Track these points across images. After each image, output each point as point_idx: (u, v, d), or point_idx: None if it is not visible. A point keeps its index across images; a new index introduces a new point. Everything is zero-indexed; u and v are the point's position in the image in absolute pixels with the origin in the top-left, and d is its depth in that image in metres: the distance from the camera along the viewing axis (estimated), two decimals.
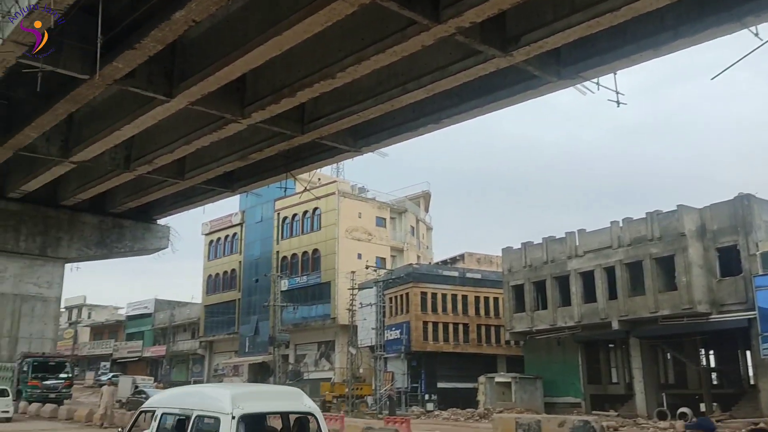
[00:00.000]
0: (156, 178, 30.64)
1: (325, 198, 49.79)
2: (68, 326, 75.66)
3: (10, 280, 32.68)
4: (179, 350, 62.70)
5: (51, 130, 25.51)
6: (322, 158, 29.07)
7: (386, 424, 17.81)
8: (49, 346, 33.70)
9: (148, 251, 38.71)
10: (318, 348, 50.50)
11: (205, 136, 24.30)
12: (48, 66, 18.96)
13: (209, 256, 61.47)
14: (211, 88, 20.06)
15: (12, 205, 32.93)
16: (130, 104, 22.80)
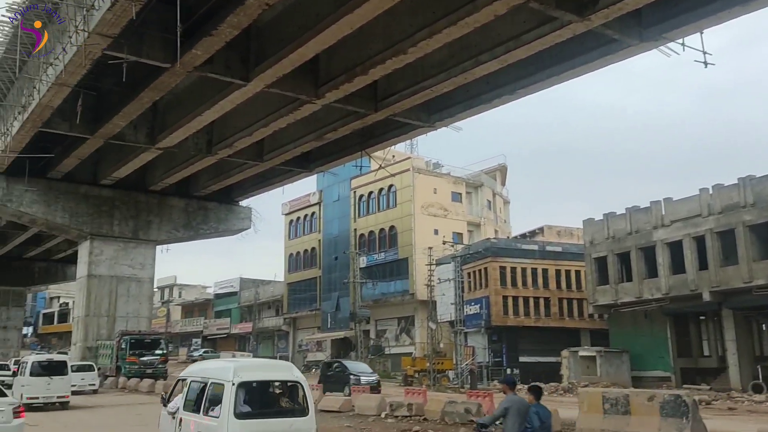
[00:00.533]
0: (236, 161, 31.58)
1: (400, 175, 49.86)
2: (161, 305, 79.56)
3: (107, 263, 34.63)
4: (265, 327, 64.82)
5: (137, 119, 26.69)
6: (396, 135, 29.09)
7: (469, 397, 17.86)
8: (144, 324, 35.57)
9: (231, 232, 40.06)
10: (398, 323, 51.02)
11: (281, 117, 24.78)
12: (132, 56, 19.78)
13: (290, 236, 62.93)
14: (286, 71, 20.38)
15: (105, 191, 34.78)
16: (210, 90, 23.51)
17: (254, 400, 8.33)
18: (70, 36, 19.54)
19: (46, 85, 22.75)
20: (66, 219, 33.63)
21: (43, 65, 22.73)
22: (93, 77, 23.80)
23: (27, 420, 11.78)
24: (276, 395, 8.93)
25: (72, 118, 26.29)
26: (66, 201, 33.68)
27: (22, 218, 34.71)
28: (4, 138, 28.86)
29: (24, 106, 25.66)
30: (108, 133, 27.05)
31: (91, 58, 20.08)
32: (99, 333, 34.17)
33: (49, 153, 30.52)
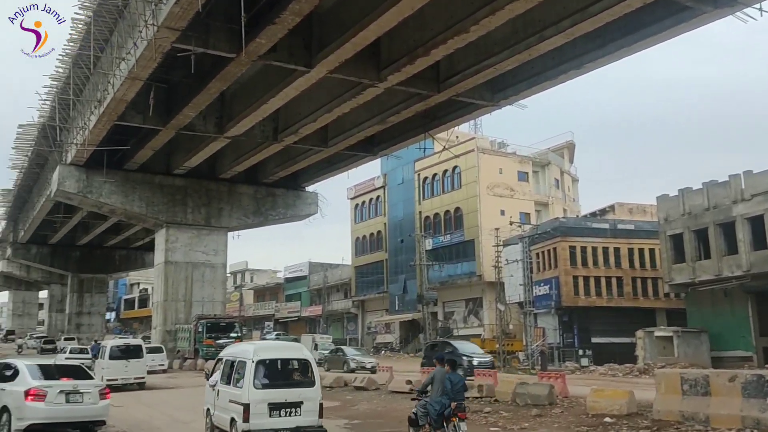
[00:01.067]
0: (302, 147, 32.05)
1: (464, 155, 49.41)
2: (234, 290, 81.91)
3: (182, 250, 35.91)
4: (334, 309, 65.90)
5: (206, 109, 27.41)
6: (460, 115, 28.82)
7: (540, 379, 17.66)
8: (219, 309, 36.77)
9: (299, 217, 40.76)
10: (466, 305, 50.86)
11: (344, 102, 24.94)
12: (199, 48, 20.30)
13: (355, 220, 63.52)
14: (348, 55, 20.47)
15: (178, 180, 35.99)
16: (274, 78, 23.89)
17: (271, 374, 10.38)
18: (140, 31, 20.23)
19: (120, 80, 23.62)
20: (143, 208, 35.02)
21: (116, 60, 23.63)
22: (163, 70, 24.57)
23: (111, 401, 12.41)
24: (290, 370, 10.88)
25: (145, 110, 27.28)
26: (142, 191, 35.06)
27: (102, 208, 36.37)
28: (82, 132, 30.21)
29: (99, 100, 26.77)
30: (179, 124, 27.91)
31: (160, 51, 20.71)
32: (177, 317, 35.53)
33: (124, 145, 31.80)
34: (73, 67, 26.59)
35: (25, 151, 38.65)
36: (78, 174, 33.36)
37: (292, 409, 10.08)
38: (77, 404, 11.41)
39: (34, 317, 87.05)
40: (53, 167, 35.64)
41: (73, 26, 24.24)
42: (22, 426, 10.94)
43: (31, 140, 36.17)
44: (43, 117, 32.40)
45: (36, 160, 39.55)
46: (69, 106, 29.61)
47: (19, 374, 11.65)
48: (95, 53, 24.32)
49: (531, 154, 54.26)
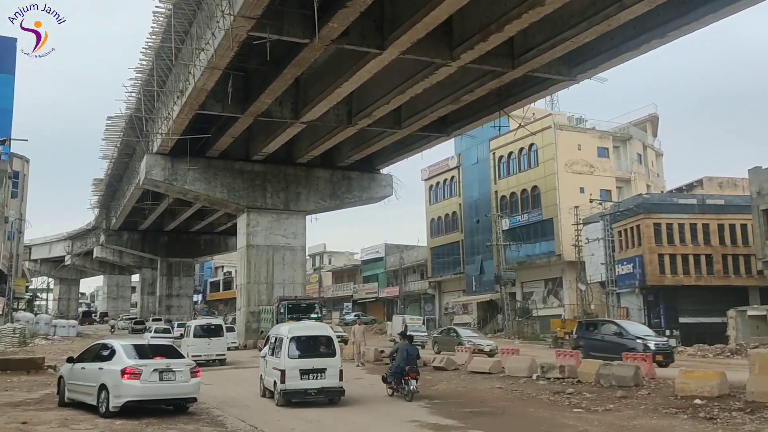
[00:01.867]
0: (376, 129, 32.17)
1: (541, 133, 48.27)
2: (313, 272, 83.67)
3: (263, 233, 36.92)
4: (411, 290, 66.25)
5: (282, 95, 27.93)
6: (535, 92, 28.14)
7: (625, 360, 17.18)
8: (299, 290, 37.66)
9: (374, 199, 41.06)
10: (545, 285, 50.00)
11: (417, 83, 24.82)
12: (274, 35, 20.65)
13: (430, 201, 63.37)
14: (420, 35, 20.32)
15: (257, 166, 36.93)
16: (347, 61, 24.03)
17: (302, 347, 13.54)
18: (218, 21, 20.78)
19: (200, 70, 24.37)
20: (224, 194, 36.17)
21: (195, 51, 24.37)
22: (240, 59, 25.16)
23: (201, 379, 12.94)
24: (317, 344, 13.86)
25: (224, 99, 28.06)
26: (223, 177, 36.20)
27: (187, 195, 37.81)
28: (166, 122, 31.44)
29: (181, 90, 27.73)
30: (256, 111, 28.57)
31: (237, 40, 21.20)
32: (259, 299, 36.66)
33: (205, 134, 32.87)
34: (155, 59, 27.59)
35: (114, 142, 40.59)
36: (164, 162, 34.78)
37: (318, 374, 13.25)
38: (170, 382, 11.98)
39: (127, 300, 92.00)
40: (140, 157, 37.30)
41: (155, 19, 25.11)
42: (120, 403, 11.57)
43: (119, 131, 37.91)
44: (130, 108, 33.88)
45: (124, 150, 41.48)
46: (153, 97, 30.84)
47: (115, 354, 12.32)
48: (176, 45, 25.15)
49: (611, 129, 52.40)
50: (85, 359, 13.13)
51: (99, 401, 11.92)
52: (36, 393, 15.21)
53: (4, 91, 35.90)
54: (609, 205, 43.63)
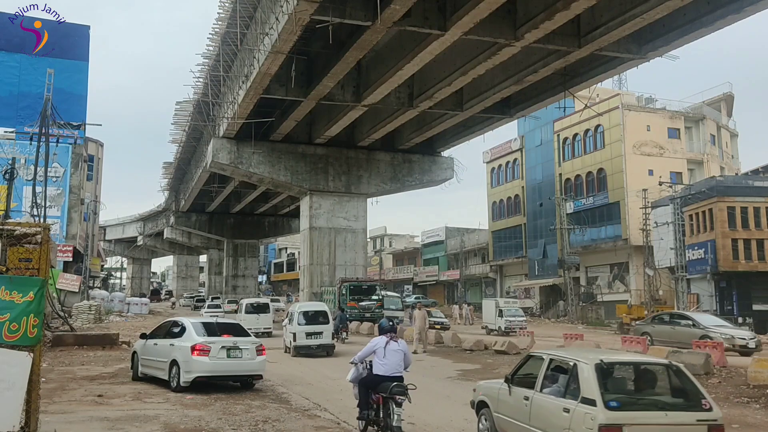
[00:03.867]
0: (437, 112, 31.97)
1: (608, 113, 46.88)
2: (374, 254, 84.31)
3: (325, 216, 37.39)
4: (471, 274, 65.95)
5: (344, 79, 28.05)
6: (602, 71, 27.31)
7: (695, 348, 16.65)
8: (360, 272, 38.02)
9: (435, 182, 40.92)
10: (610, 270, 48.84)
11: (479, 64, 24.48)
12: (336, 18, 20.73)
13: (492, 184, 62.70)
14: (483, 15, 20.00)
15: (319, 149, 37.34)
16: (409, 43, 23.91)
17: (307, 318, 20.70)
18: (281, 5, 21.02)
19: (264, 54, 24.74)
20: (288, 177, 36.76)
21: (260, 36, 24.74)
22: (302, 42, 25.41)
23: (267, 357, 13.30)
24: (317, 316, 20.92)
25: (287, 83, 28.42)
26: (287, 160, 36.76)
27: (252, 178, 38.61)
28: (232, 106, 32.12)
29: (246, 75, 28.25)
30: (319, 94, 28.81)
31: (300, 24, 21.39)
32: (322, 280, 37.22)
33: (269, 117, 33.42)
34: (221, 44, 28.18)
35: (182, 126, 41.76)
36: (229, 146, 35.60)
37: (318, 335, 20.44)
38: (237, 359, 12.38)
39: (195, 279, 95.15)
40: (207, 141, 38.28)
41: (221, 5, 25.65)
42: (190, 378, 12.05)
43: (188, 116, 38.97)
44: (197, 93, 34.75)
45: (192, 134, 42.64)
46: (219, 82, 31.54)
47: (186, 331, 12.80)
48: (241, 30, 25.61)
49: (683, 108, 50.38)
50: (157, 336, 13.70)
51: (170, 376, 12.44)
52: (111, 367, 15.98)
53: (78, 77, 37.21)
54: (680, 188, 42.08)
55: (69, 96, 34.55)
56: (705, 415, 6.25)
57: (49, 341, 19.18)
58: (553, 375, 7.05)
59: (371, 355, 8.53)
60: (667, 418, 6.17)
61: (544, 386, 6.99)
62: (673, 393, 6.73)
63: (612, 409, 6.05)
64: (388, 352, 8.35)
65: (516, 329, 31.94)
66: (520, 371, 7.67)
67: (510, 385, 7.52)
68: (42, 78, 27.48)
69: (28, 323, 5.99)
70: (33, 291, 6.04)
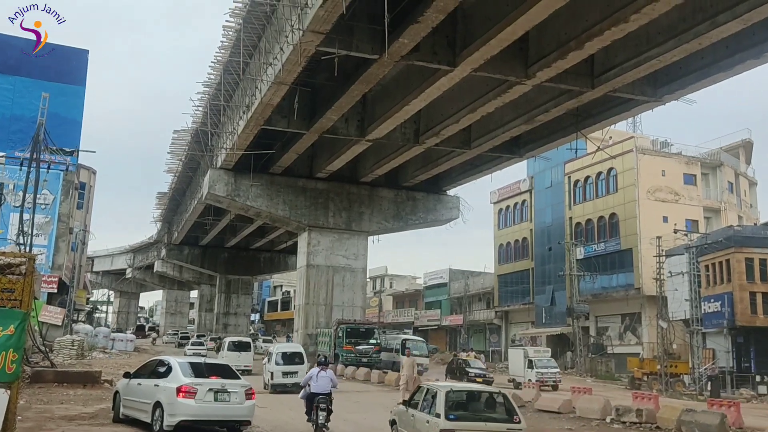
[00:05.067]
0: (444, 149, 32.20)
1: (621, 156, 47.15)
2: (373, 295, 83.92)
3: (323, 253, 37.38)
4: (475, 320, 65.48)
5: (348, 112, 28.35)
6: (616, 113, 27.60)
7: (710, 407, 16.42)
8: (359, 314, 37.83)
9: (439, 222, 41.01)
10: (622, 320, 48.47)
11: (489, 102, 24.75)
12: (342, 50, 21.06)
13: (499, 225, 62.72)
14: (493, 52, 20.30)
15: (320, 184, 37.54)
16: (416, 78, 24.21)
17: (284, 359, 23.55)
18: (287, 36, 21.37)
19: (267, 85, 25.06)
20: (286, 211, 36.88)
21: (263, 66, 25.11)
22: (307, 74, 25.76)
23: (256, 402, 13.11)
24: (293, 356, 23.66)
25: (290, 114, 28.77)
26: (286, 194, 36.94)
27: (249, 211, 38.74)
28: (231, 137, 32.41)
29: (248, 105, 28.58)
30: (322, 127, 29.09)
31: (305, 55, 21.71)
32: (318, 321, 37.02)
33: (270, 149, 33.71)
34: (223, 73, 28.56)
35: (179, 156, 42.10)
36: (227, 178, 35.81)
37: (293, 374, 22.59)
38: (225, 403, 12.19)
39: (185, 316, 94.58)
40: (204, 171, 38.52)
41: (224, 33, 26.05)
42: (174, 422, 11.82)
43: (185, 145, 39.30)
44: (196, 122, 35.13)
45: (189, 164, 42.94)
46: (219, 111, 31.88)
47: (171, 371, 12.63)
48: (244, 59, 25.99)
49: (699, 154, 50.68)
50: (141, 375, 13.54)
51: (153, 419, 12.21)
52: (91, 407, 15.76)
53: (74, 102, 37.74)
54: (695, 236, 42.04)
55: (63, 121, 34.98)
56: (514, 426, 10.12)
57: (28, 377, 18.96)
58: (426, 399, 11.01)
59: (310, 380, 13.25)
60: (486, 426, 10.07)
61: (422, 407, 10.97)
62: (496, 411, 10.65)
63: (450, 420, 9.91)
64: (320, 378, 13.12)
65: (549, 382, 30.64)
66: (413, 397, 11.77)
67: (407, 407, 11.78)
68: (36, 101, 27.83)
69: (7, 358, 5.94)
70: (14, 324, 6.01)
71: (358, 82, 23.91)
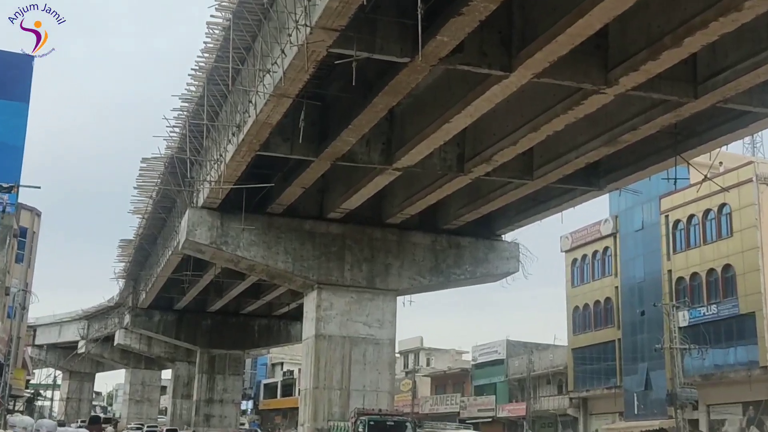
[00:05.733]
0: (496, 179, 32.17)
1: (737, 188, 46.84)
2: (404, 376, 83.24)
3: (337, 319, 37.21)
4: (543, 409, 64.59)
5: (370, 132, 28.54)
6: (728, 130, 27.44)
7: None
8: (385, 401, 37.40)
9: (492, 277, 40.78)
10: (743, 410, 47.62)
11: (556, 117, 24.76)
12: (362, 52, 21.28)
13: (573, 281, 62.32)
14: (562, 51, 20.39)
15: (333, 227, 37.62)
16: (459, 87, 24.39)
17: None
18: (290, 34, 21.71)
19: (264, 98, 25.34)
20: (289, 264, 36.96)
21: (259, 73, 25.45)
22: (316, 83, 26.11)
23: None
24: None
25: (293, 136, 28.96)
26: (288, 241, 37.05)
27: (239, 264, 38.87)
28: (217, 166, 32.71)
29: (239, 125, 28.90)
30: (335, 152, 29.28)
31: (314, 59, 22.00)
32: (330, 411, 36.66)
33: (267, 182, 33.95)
34: (207, 83, 29.01)
35: (148, 192, 42.63)
36: (211, 220, 36.08)
37: None
38: None
39: (154, 404, 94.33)
40: (182, 212, 38.93)
41: (209, 33, 26.55)
42: None
43: (156, 177, 39.83)
44: (171, 148, 35.61)
45: (161, 203, 43.46)
46: (202, 133, 32.31)
47: None
48: (234, 65, 26.39)
49: None
50: None
51: None
52: None
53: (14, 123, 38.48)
54: None
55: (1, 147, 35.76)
56: None
57: None
58: None
59: None
60: None
61: None
62: None
63: None
64: None
65: None
66: None
67: None
68: None
69: None
70: None
71: (382, 93, 24.11)
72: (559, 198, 35.67)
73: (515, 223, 39.50)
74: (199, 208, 36.29)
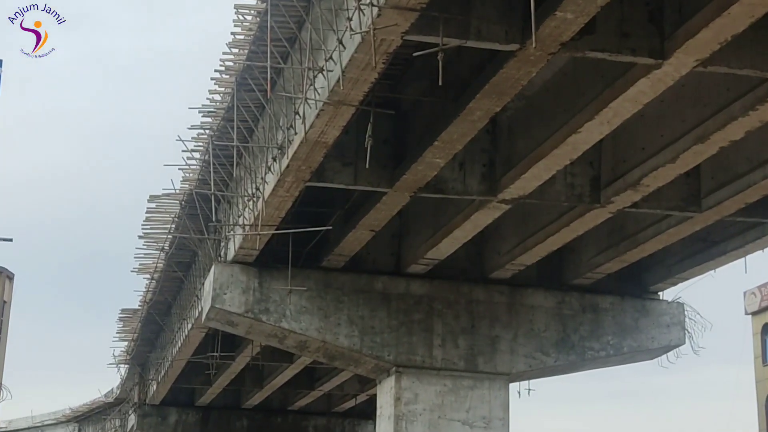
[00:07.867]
0: (646, 212, 31.73)
1: None
2: None
3: (425, 417, 36.93)
4: None
5: (465, 150, 28.47)
6: None
7: None
8: None
9: (646, 352, 40.07)
10: None
11: (733, 121, 24.37)
12: (452, 38, 21.28)
13: (765, 358, 61.17)
14: (738, 28, 20.12)
15: (415, 286, 37.47)
16: (590, 83, 24.27)
17: None
18: (349, 18, 21.82)
19: (315, 107, 25.41)
20: (354, 339, 36.94)
21: (307, 73, 25.50)
22: (387, 85, 26.27)
23: None
24: None
25: (357, 159, 29.05)
26: (352, 307, 37.04)
27: (286, 340, 38.97)
28: (252, 204, 32.76)
29: (281, 146, 28.91)
30: (416, 180, 29.20)
31: (384, 51, 22.08)
32: None
33: (323, 225, 34.02)
34: (236, 89, 29.11)
35: (159, 242, 43.15)
36: (245, 279, 36.34)
37: None
38: None
39: None
40: (205, 269, 39.31)
41: (238, 20, 26.79)
42: None
43: (170, 222, 40.26)
44: (189, 181, 35.99)
45: (176, 257, 43.97)
46: (231, 159, 32.60)
47: None
48: (274, 63, 26.59)
49: None
50: None
51: None
52: None
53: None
54: None
55: None
56: None
57: None
58: None
59: None
60: None
61: None
62: None
63: None
64: None
65: None
66: None
67: None
68: None
69: None
70: None
71: (481, 95, 24.04)
72: (739, 238, 34.97)
73: (676, 275, 38.80)
74: (229, 264, 36.59)
